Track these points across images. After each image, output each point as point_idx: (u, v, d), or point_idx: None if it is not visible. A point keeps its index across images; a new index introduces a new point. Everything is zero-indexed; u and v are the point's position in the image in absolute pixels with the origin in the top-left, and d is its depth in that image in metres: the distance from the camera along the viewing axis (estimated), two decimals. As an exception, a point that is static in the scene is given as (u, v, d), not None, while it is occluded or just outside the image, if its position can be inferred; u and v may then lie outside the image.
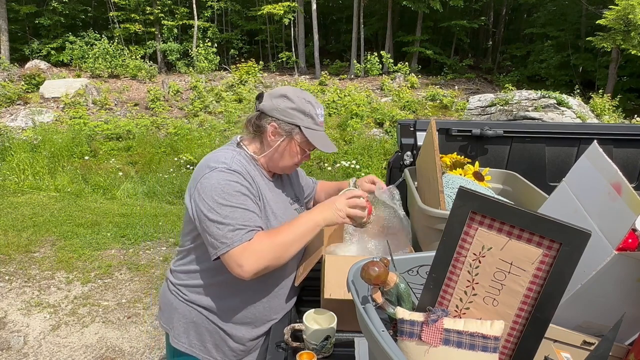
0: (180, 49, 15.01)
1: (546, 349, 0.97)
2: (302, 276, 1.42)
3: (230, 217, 1.21)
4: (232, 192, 1.23)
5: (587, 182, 1.06)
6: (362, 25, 15.65)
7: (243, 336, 1.41)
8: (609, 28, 11.56)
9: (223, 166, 1.27)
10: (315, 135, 1.33)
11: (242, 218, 1.22)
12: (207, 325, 1.38)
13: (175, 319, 1.41)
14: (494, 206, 0.78)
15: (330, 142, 1.38)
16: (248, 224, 1.22)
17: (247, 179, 1.28)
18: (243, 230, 1.21)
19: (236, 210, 1.22)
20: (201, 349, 1.40)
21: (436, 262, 0.84)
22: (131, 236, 4.90)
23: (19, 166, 7.01)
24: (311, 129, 1.33)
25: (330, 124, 9.40)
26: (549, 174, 2.29)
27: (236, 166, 1.28)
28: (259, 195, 1.32)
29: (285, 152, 1.35)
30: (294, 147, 1.35)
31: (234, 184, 1.24)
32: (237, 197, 1.24)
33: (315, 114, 1.34)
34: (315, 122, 1.34)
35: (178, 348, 1.41)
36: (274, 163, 1.38)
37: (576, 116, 8.52)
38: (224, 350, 1.41)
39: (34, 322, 3.30)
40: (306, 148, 1.36)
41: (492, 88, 13.88)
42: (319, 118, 1.35)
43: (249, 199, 1.26)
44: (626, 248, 1.00)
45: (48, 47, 14.34)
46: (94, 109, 10.06)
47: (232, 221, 1.20)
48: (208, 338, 1.39)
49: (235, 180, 1.25)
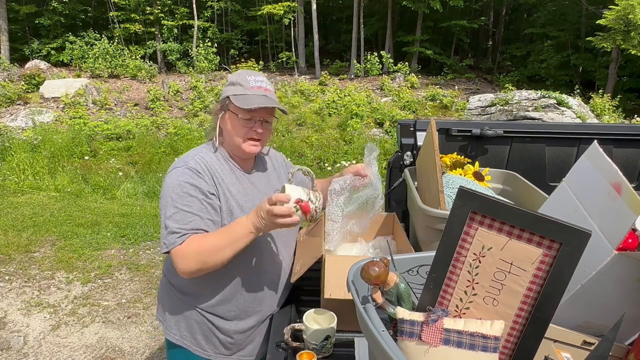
0: (180, 49, 15.00)
1: (546, 349, 0.97)
2: (298, 274, 1.41)
3: (173, 218, 1.26)
4: (181, 192, 1.27)
5: (587, 182, 1.06)
6: (362, 25, 15.64)
7: (229, 328, 1.41)
8: (609, 28, 11.55)
9: (182, 165, 1.32)
10: (242, 97, 1.32)
11: (182, 221, 1.25)
12: (196, 317, 1.40)
13: (168, 311, 1.45)
14: (494, 206, 0.78)
15: (260, 100, 1.31)
16: (184, 227, 1.25)
17: (202, 176, 1.30)
18: (176, 234, 1.24)
19: (179, 212, 1.26)
20: (191, 340, 1.41)
21: (436, 262, 0.84)
22: (131, 236, 4.90)
23: (19, 166, 7.01)
24: (240, 95, 1.32)
25: (330, 124, 9.40)
26: (549, 174, 2.29)
27: (193, 163, 1.32)
28: (217, 191, 1.32)
29: (230, 125, 1.36)
30: (232, 117, 1.35)
31: (183, 185, 1.28)
32: (184, 198, 1.27)
33: (246, 80, 1.35)
34: (245, 87, 1.34)
35: (170, 339, 1.44)
36: (232, 142, 1.38)
37: (576, 116, 8.52)
38: (214, 342, 1.42)
39: (34, 322, 3.30)
40: (239, 114, 1.33)
41: (492, 88, 13.88)
42: (250, 83, 1.34)
43: (196, 199, 1.28)
44: (626, 248, 1.00)
45: (48, 47, 14.33)
46: (94, 109, 10.06)
47: (171, 224, 1.25)
48: (197, 329, 1.41)
49: (185, 180, 1.28)
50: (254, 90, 1.33)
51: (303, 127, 9.32)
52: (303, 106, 10.36)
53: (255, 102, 1.30)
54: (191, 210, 1.26)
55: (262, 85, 1.35)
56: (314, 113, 9.86)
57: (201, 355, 1.42)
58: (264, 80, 1.37)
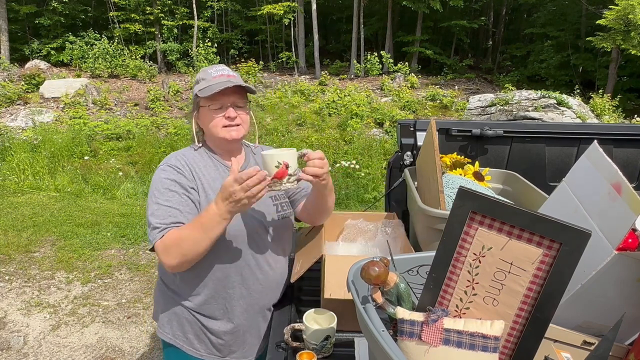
0: (180, 49, 15.00)
1: (546, 349, 0.97)
2: (298, 274, 1.41)
3: (154, 214, 1.28)
4: (162, 189, 1.31)
5: (587, 182, 1.06)
6: (362, 25, 15.64)
7: (219, 329, 1.41)
8: (609, 28, 11.56)
9: (164, 163, 1.37)
10: (207, 89, 1.33)
11: (163, 216, 1.28)
12: (187, 315, 1.41)
13: (161, 310, 1.46)
14: (494, 206, 0.78)
15: (223, 83, 1.32)
16: (164, 222, 1.27)
17: (182, 171, 1.34)
18: (157, 229, 1.27)
19: (160, 208, 1.29)
20: (184, 339, 1.41)
21: (436, 262, 0.84)
22: (131, 236, 4.90)
23: (19, 166, 7.01)
24: (204, 87, 1.34)
25: (330, 124, 9.40)
26: (549, 174, 2.29)
27: (174, 160, 1.36)
28: (196, 185, 1.34)
29: (204, 120, 1.39)
30: (204, 112, 1.38)
31: (164, 181, 1.32)
32: (165, 194, 1.30)
33: (208, 73, 1.38)
34: (207, 80, 1.36)
35: (163, 339, 1.45)
36: (212, 137, 1.41)
37: (576, 116, 8.52)
38: (205, 342, 1.41)
39: (34, 322, 3.30)
40: (208, 104, 1.35)
41: (492, 88, 13.88)
42: (211, 75, 1.37)
43: (176, 194, 1.31)
44: (626, 248, 1.00)
45: (48, 47, 14.33)
46: (94, 109, 10.06)
47: (153, 220, 1.28)
48: (189, 329, 1.41)
49: (166, 176, 1.33)
50: (217, 79, 1.35)
51: (303, 127, 9.32)
52: (303, 106, 10.36)
53: (217, 87, 1.31)
54: (171, 205, 1.29)
55: (223, 73, 1.38)
56: (314, 113, 9.86)
57: (194, 355, 1.41)
58: (225, 69, 1.39)
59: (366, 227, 1.72)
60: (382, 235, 1.64)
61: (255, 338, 1.47)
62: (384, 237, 1.63)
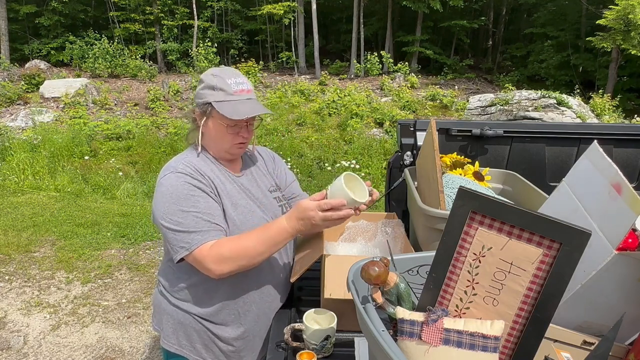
0: (180, 49, 15.00)
1: (546, 349, 0.97)
2: (298, 273, 1.41)
3: (182, 223, 1.24)
4: (182, 196, 1.25)
5: (587, 182, 1.06)
6: (362, 25, 15.64)
7: (229, 336, 1.39)
8: (609, 28, 11.56)
9: (171, 170, 1.30)
10: (226, 105, 1.28)
11: (194, 221, 1.24)
12: (195, 325, 1.38)
13: (164, 320, 1.42)
14: (494, 206, 0.78)
15: (247, 108, 1.28)
16: (201, 227, 1.24)
17: (195, 176, 1.29)
18: (197, 233, 1.23)
19: (188, 215, 1.24)
20: (190, 349, 1.39)
21: (436, 262, 0.84)
22: (131, 236, 4.90)
23: (19, 166, 7.00)
24: (223, 101, 1.28)
25: (330, 124, 9.40)
26: (549, 174, 2.29)
27: (182, 167, 1.30)
28: (213, 189, 1.32)
29: (215, 132, 1.34)
30: (217, 124, 1.32)
31: (182, 187, 1.26)
32: (187, 199, 1.25)
33: (227, 84, 1.29)
34: (227, 93, 1.29)
35: (168, 349, 1.42)
36: (217, 147, 1.37)
37: (576, 116, 8.52)
38: (214, 350, 1.40)
39: (34, 322, 3.30)
40: (224, 122, 1.30)
41: (492, 88, 13.88)
42: (232, 87, 1.29)
43: (200, 198, 1.27)
44: (626, 248, 1.00)
45: (48, 47, 14.34)
46: (94, 108, 10.05)
47: (185, 227, 1.23)
48: (196, 338, 1.39)
49: (181, 183, 1.27)
50: (238, 96, 1.29)
51: (303, 127, 9.32)
52: (303, 106, 10.35)
53: (242, 111, 1.27)
54: (199, 209, 1.26)
55: (244, 88, 1.31)
56: (314, 113, 9.86)
57: None
58: (244, 82, 1.33)
59: (366, 227, 1.71)
60: (382, 235, 1.64)
61: (263, 342, 1.47)
62: (384, 237, 1.63)
